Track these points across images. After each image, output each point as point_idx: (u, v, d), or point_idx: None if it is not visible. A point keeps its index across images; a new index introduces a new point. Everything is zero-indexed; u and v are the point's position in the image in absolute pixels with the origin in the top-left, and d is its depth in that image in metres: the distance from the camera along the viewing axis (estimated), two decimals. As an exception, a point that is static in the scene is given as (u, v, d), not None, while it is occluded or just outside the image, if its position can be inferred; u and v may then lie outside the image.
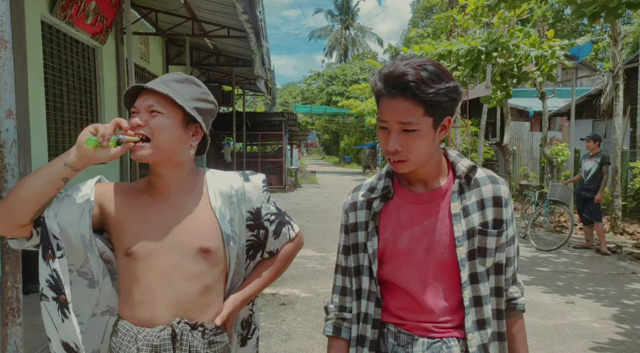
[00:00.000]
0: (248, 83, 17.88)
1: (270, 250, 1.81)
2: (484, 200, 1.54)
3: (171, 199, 1.65)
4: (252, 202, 1.74)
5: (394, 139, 1.45)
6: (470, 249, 1.51)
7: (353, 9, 64.23)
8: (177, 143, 1.60)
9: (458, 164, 1.58)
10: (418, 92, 1.39)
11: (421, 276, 1.53)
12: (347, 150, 49.09)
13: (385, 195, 1.62)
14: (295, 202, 16.76)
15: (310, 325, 5.18)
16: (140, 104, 1.58)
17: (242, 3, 6.24)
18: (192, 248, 1.60)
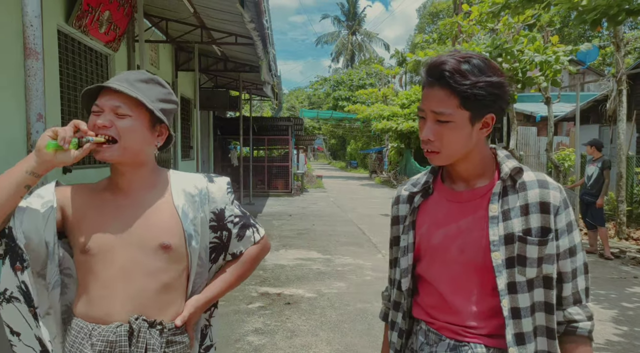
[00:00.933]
0: (255, 88, 18.09)
1: (234, 252, 1.77)
2: (528, 205, 1.44)
3: (132, 196, 1.63)
4: (216, 202, 1.71)
5: (428, 128, 1.45)
6: (509, 256, 1.43)
7: (360, 14, 64.50)
8: (143, 144, 1.59)
9: (503, 164, 1.50)
10: (452, 81, 1.38)
11: (452, 276, 1.50)
12: (353, 155, 49.23)
13: (425, 191, 1.61)
14: (302, 206, 16.94)
15: (314, 323, 5.36)
16: (104, 103, 1.53)
17: (250, 12, 6.45)
18: (152, 243, 1.57)
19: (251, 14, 6.60)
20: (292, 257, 8.68)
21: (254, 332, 5.11)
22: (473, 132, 1.44)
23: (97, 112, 1.54)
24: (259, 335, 5.04)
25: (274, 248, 9.44)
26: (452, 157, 1.48)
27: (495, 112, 1.44)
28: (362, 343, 4.86)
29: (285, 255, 8.88)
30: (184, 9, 8.98)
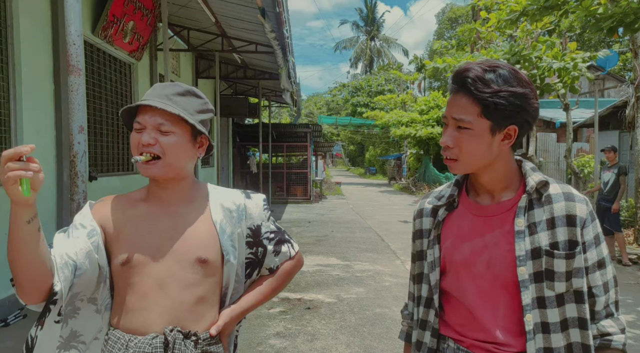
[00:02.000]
0: (274, 95, 18.28)
1: (270, 266, 1.78)
2: (554, 218, 1.42)
3: (171, 209, 1.64)
4: (253, 219, 1.73)
5: (448, 134, 1.45)
6: (537, 270, 1.40)
7: (378, 20, 64.64)
8: (186, 159, 1.62)
9: (529, 177, 1.47)
10: (473, 88, 1.38)
11: (480, 291, 1.47)
12: (372, 162, 49.25)
13: (450, 204, 1.58)
14: (320, 213, 17.04)
15: (334, 327, 5.45)
16: (147, 120, 1.55)
17: (270, 23, 6.60)
18: (189, 257, 1.58)
19: (272, 24, 6.75)
20: (311, 264, 8.77)
21: (275, 336, 5.21)
22: (494, 142, 1.42)
23: (140, 129, 1.56)
24: (280, 338, 5.15)
25: (294, 253, 9.52)
26: (471, 166, 1.46)
27: (519, 124, 1.41)
28: (380, 347, 4.94)
29: (304, 261, 8.95)
30: (205, 19, 9.18)
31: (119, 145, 8.59)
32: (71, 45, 2.44)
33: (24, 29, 5.46)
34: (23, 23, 5.44)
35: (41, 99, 5.84)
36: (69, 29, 2.47)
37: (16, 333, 4.98)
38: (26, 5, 5.50)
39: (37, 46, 5.76)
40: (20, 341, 4.77)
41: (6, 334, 4.96)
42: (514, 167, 1.51)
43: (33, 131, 5.66)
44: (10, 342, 4.77)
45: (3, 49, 5.30)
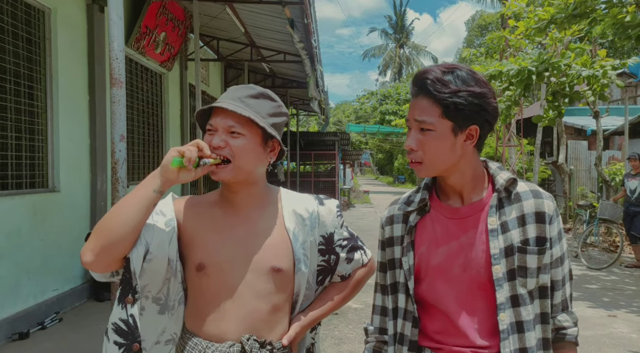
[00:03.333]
0: (302, 103, 18.46)
1: (342, 274, 1.74)
2: (525, 215, 1.44)
3: (245, 214, 1.62)
4: (326, 226, 1.69)
5: (411, 137, 1.44)
6: (510, 268, 1.41)
7: (408, 27, 64.56)
8: (257, 162, 1.59)
9: (497, 176, 1.49)
10: (432, 89, 1.38)
11: (457, 295, 1.45)
12: (401, 170, 49.05)
13: (421, 208, 1.55)
14: (348, 221, 17.03)
15: (361, 332, 5.51)
16: (218, 123, 1.53)
17: (299, 33, 6.73)
18: (264, 266, 1.56)
19: (300, 34, 6.89)
20: (338, 270, 8.84)
21: (301, 341, 5.29)
22: (457, 143, 1.42)
23: (212, 132, 1.55)
24: (306, 343, 5.23)
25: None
26: (435, 169, 1.46)
27: (479, 124, 1.42)
28: None
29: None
30: (235, 29, 9.38)
31: (150, 153, 8.81)
32: (114, 59, 2.59)
33: (62, 42, 5.69)
34: (61, 36, 5.67)
35: (76, 109, 6.06)
36: (112, 45, 2.61)
37: (53, 336, 5.16)
38: (64, 19, 5.73)
39: (74, 58, 5.98)
40: (57, 343, 4.96)
41: (44, 337, 5.14)
42: (481, 168, 1.52)
43: (68, 140, 5.88)
44: (48, 344, 4.95)
45: (41, 61, 5.52)
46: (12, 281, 4.98)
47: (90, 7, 6.16)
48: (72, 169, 5.93)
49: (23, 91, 5.23)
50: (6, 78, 4.95)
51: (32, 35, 5.36)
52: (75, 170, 5.99)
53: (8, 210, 4.90)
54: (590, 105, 12.19)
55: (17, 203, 5.05)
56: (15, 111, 5.13)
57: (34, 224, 5.24)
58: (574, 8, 9.48)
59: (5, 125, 4.99)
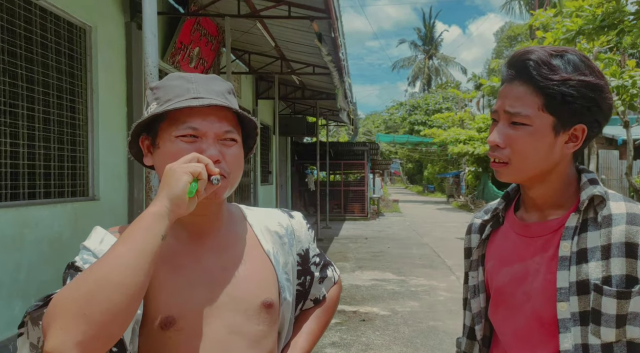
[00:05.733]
0: (331, 114, 18.64)
1: (316, 296, 1.45)
2: (611, 245, 1.11)
3: (213, 241, 1.24)
4: (302, 242, 1.41)
5: (498, 130, 1.18)
6: (583, 310, 1.11)
7: (437, 39, 64.50)
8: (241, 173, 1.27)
9: (583, 191, 1.18)
10: (536, 73, 1.11)
11: (517, 327, 1.22)
12: (430, 179, 48.89)
13: (496, 220, 1.35)
14: (377, 230, 17.18)
15: (388, 339, 5.62)
16: (208, 127, 1.14)
17: (327, 47, 6.93)
18: (254, 303, 1.21)
19: (328, 48, 7.08)
20: (367, 278, 8.95)
21: (331, 345, 5.43)
22: (556, 144, 1.15)
23: (192, 138, 1.14)
24: (336, 347, 5.36)
25: (350, 269, 9.76)
26: (524, 172, 1.18)
27: (588, 124, 1.15)
28: (433, 358, 5.07)
29: (360, 276, 9.17)
30: (266, 43, 9.63)
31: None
32: (148, 75, 2.79)
33: (102, 57, 5.98)
34: (101, 52, 5.96)
35: (115, 121, 6.34)
36: (147, 61, 2.81)
37: None
38: (104, 36, 6.02)
39: (113, 72, 6.27)
40: None
41: None
42: (574, 179, 1.23)
43: (107, 151, 6.15)
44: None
45: (83, 76, 5.82)
46: (54, 286, 5.24)
47: (129, 24, 6.46)
48: (111, 178, 6.20)
49: (65, 105, 5.52)
50: (50, 92, 5.24)
51: (74, 52, 5.65)
52: (114, 179, 6.25)
53: (51, 217, 5.16)
54: (620, 115, 12.08)
55: (59, 211, 5.32)
56: (58, 124, 5.41)
57: (74, 231, 5.50)
58: (602, 19, 9.47)
59: (49, 137, 5.27)
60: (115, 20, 6.31)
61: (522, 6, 40.20)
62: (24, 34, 4.84)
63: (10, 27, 4.67)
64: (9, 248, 4.56)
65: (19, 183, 4.86)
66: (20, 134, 4.83)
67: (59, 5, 5.17)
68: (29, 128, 4.94)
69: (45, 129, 5.21)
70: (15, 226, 4.65)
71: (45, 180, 5.25)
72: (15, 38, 4.74)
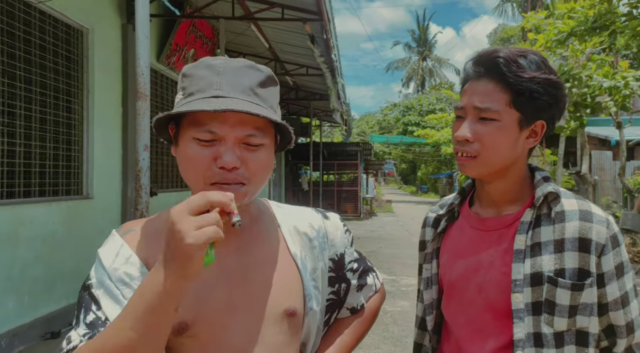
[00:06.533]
0: (325, 115, 18.75)
1: (353, 306, 1.33)
2: (564, 240, 1.18)
3: (235, 240, 1.15)
4: (335, 246, 1.29)
5: (466, 126, 1.21)
6: (535, 300, 1.17)
7: (430, 41, 64.70)
8: (270, 173, 1.16)
9: (537, 188, 1.25)
10: (506, 70, 1.17)
11: (469, 319, 1.26)
12: (424, 180, 49.03)
13: (451, 214, 1.39)
14: (370, 230, 17.28)
15: (377, 338, 5.71)
16: (228, 131, 1.04)
17: (320, 48, 7.04)
18: (276, 310, 1.12)
19: (321, 49, 7.19)
20: (358, 277, 9.05)
21: (320, 343, 5.52)
22: (520, 139, 1.21)
23: (210, 143, 1.04)
24: (325, 345, 5.45)
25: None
26: (491, 166, 1.22)
27: (547, 120, 1.22)
28: (421, 356, 5.18)
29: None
30: (260, 45, 9.73)
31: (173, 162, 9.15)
32: (140, 75, 2.87)
33: (98, 59, 6.06)
34: (97, 54, 6.04)
35: (110, 122, 6.43)
36: (139, 62, 2.90)
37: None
38: (100, 38, 6.11)
39: (109, 73, 6.36)
40: None
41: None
42: (527, 176, 1.30)
43: (102, 150, 6.23)
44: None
45: (79, 77, 5.90)
46: (47, 283, 5.32)
47: (125, 26, 6.55)
48: (105, 177, 6.28)
49: (62, 105, 5.60)
50: (47, 93, 5.32)
51: (71, 53, 5.73)
52: (108, 178, 6.34)
53: (45, 215, 5.24)
54: (613, 115, 12.24)
55: (54, 209, 5.39)
56: (54, 123, 5.49)
57: (68, 229, 5.57)
58: (594, 21, 9.61)
59: (45, 137, 5.35)
60: (111, 22, 6.40)
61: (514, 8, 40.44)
62: (23, 36, 4.94)
63: (10, 30, 4.77)
64: (3, 246, 4.64)
65: (15, 182, 4.95)
66: (17, 133, 4.92)
67: (58, 8, 5.26)
68: (25, 127, 5.03)
69: (41, 128, 5.29)
70: (10, 224, 4.74)
71: (40, 178, 5.33)
72: (15, 40, 4.83)
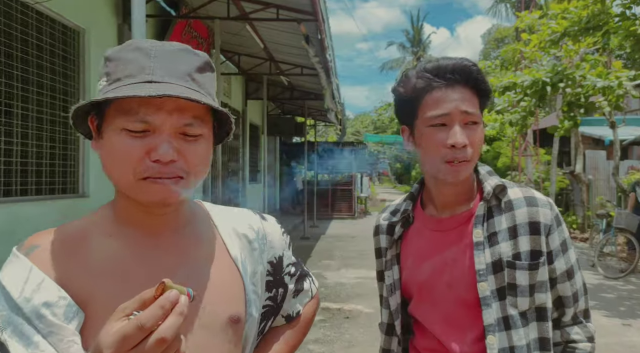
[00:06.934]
0: (320, 114, 18.78)
1: (288, 313, 1.26)
2: (517, 226, 1.28)
3: (171, 244, 1.04)
4: (275, 248, 1.21)
5: (461, 131, 1.25)
6: (499, 286, 1.26)
7: (425, 41, 64.72)
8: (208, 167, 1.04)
9: (485, 182, 1.33)
10: (480, 78, 1.28)
11: (444, 315, 1.33)
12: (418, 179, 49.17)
13: (405, 220, 1.43)
14: (364, 229, 17.31)
15: (372, 336, 5.77)
16: (163, 121, 0.92)
17: (314, 48, 7.09)
18: (220, 318, 1.04)
19: (315, 49, 7.24)
20: (352, 276, 9.12)
21: (314, 342, 5.57)
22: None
23: (142, 133, 0.92)
24: (318, 344, 5.51)
25: (336, 267, 9.93)
26: (472, 168, 1.32)
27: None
28: (414, 353, 5.25)
29: (346, 274, 9.33)
30: (255, 45, 9.79)
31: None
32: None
33: (94, 58, 6.09)
34: (93, 53, 6.07)
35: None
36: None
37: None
38: (97, 38, 6.14)
39: (104, 73, 6.40)
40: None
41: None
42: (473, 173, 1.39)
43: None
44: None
45: (75, 77, 5.93)
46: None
47: (121, 26, 6.59)
48: (101, 175, 6.20)
49: (58, 104, 5.63)
50: (43, 92, 5.35)
51: (67, 53, 5.77)
52: (103, 177, 6.19)
53: (41, 213, 5.28)
54: (607, 115, 12.35)
55: (50, 207, 5.43)
56: (50, 123, 5.53)
57: (66, 228, 5.62)
58: (587, 21, 9.69)
59: (42, 136, 5.39)
60: (108, 23, 6.43)
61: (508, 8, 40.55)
62: (20, 37, 4.97)
63: (7, 30, 4.80)
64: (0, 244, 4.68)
65: (12, 180, 4.98)
66: (14, 132, 4.96)
67: (55, 9, 5.29)
68: (22, 127, 5.07)
69: (38, 127, 5.32)
70: (7, 222, 4.77)
71: (37, 177, 5.36)
72: (12, 41, 4.86)
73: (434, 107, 1.26)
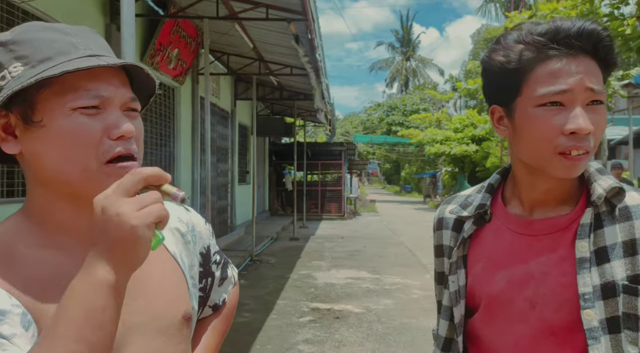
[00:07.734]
0: (309, 115, 18.76)
1: (215, 302, 1.24)
2: (636, 241, 0.99)
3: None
4: (203, 238, 1.18)
5: (584, 114, 0.97)
6: (611, 315, 0.98)
7: (414, 41, 65.07)
8: None
9: (595, 183, 1.04)
10: (613, 49, 1.00)
11: (519, 338, 1.06)
12: (408, 179, 49.33)
13: (480, 216, 1.17)
14: (354, 229, 17.37)
15: (361, 336, 5.78)
16: (114, 93, 0.86)
17: (304, 48, 7.08)
18: (176, 318, 0.99)
19: (305, 49, 7.23)
20: (342, 277, 9.11)
21: (304, 342, 5.57)
22: None
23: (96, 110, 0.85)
24: (309, 344, 5.50)
25: (326, 268, 9.92)
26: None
27: None
28: (404, 353, 5.25)
29: (336, 274, 9.33)
30: (244, 45, 9.75)
31: (160, 163, 9.15)
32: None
33: (81, 58, 6.06)
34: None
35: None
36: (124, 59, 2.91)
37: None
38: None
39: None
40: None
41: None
42: None
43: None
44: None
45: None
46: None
47: (109, 26, 6.54)
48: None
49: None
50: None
51: (53, 53, 5.73)
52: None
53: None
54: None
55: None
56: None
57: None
58: (576, 21, 9.78)
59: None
60: (95, 22, 6.37)
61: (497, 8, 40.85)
62: (5, 36, 4.92)
63: (-8, 29, 4.74)
64: None
65: (14, 181, 5.07)
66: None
67: (41, 8, 5.23)
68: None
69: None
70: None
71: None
72: (-3, 40, 4.81)
73: (550, 82, 0.98)
